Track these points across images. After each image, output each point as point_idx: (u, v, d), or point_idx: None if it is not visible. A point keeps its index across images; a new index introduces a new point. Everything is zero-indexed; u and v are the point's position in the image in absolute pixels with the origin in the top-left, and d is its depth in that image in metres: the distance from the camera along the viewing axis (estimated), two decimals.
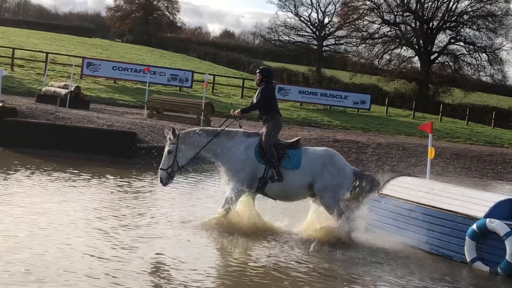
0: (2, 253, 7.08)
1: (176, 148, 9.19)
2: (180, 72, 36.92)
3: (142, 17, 75.37)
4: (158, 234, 8.70)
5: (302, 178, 9.24)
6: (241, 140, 9.34)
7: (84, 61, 34.23)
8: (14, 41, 43.86)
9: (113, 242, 8.09)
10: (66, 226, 8.61)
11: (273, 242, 8.85)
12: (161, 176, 9.21)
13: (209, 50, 62.51)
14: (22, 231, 8.07)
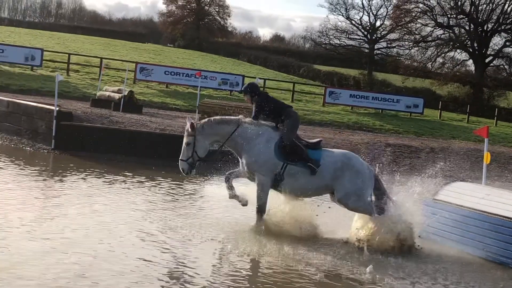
0: (57, 254, 7.21)
1: (194, 140, 9.19)
2: (230, 77, 37.11)
3: (194, 22, 76.10)
4: (208, 237, 8.70)
5: (319, 179, 9.14)
6: (264, 132, 9.25)
7: (137, 66, 34.77)
8: (69, 46, 44.85)
9: (162, 245, 8.14)
10: (117, 227, 8.72)
11: (326, 248, 8.72)
12: (183, 167, 9.22)
13: (259, 54, 62.64)
14: (75, 232, 8.22)
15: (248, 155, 9.17)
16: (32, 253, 7.18)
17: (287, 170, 9.12)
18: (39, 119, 16.16)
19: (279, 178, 9.13)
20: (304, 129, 26.57)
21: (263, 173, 9.12)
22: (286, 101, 36.61)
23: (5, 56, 32.65)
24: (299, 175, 9.12)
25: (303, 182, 9.13)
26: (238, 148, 9.33)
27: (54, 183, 11.80)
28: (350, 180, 9.11)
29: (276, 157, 9.11)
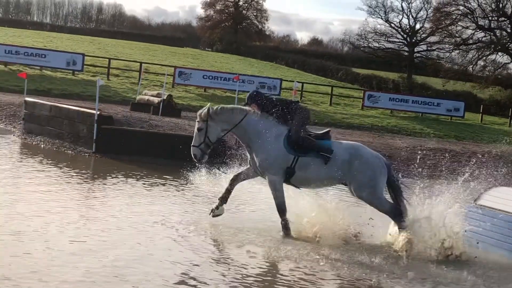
0: (96, 255, 7.28)
1: (206, 125, 9.18)
2: (268, 80, 37.15)
3: (232, 26, 76.44)
4: (245, 241, 8.67)
5: (328, 171, 9.03)
6: (272, 125, 9.19)
7: (176, 70, 35.07)
8: (109, 51, 45.45)
9: (199, 249, 8.15)
10: (156, 230, 8.76)
11: (361, 254, 8.60)
12: (195, 153, 9.18)
13: (297, 57, 62.50)
14: (114, 233, 8.29)
15: (258, 153, 9.12)
16: (72, 254, 7.25)
17: (298, 163, 9.06)
18: (81, 123, 16.39)
19: (290, 172, 9.08)
20: (343, 132, 26.40)
21: (274, 172, 9.07)
22: (324, 105, 36.59)
23: (48, 61, 33.27)
24: (310, 167, 9.04)
25: (313, 173, 9.06)
26: (246, 139, 9.28)
27: (94, 186, 11.94)
28: (360, 171, 9.01)
29: (287, 151, 9.05)
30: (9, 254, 7.01)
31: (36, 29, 64.43)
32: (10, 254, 7.01)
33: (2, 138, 16.93)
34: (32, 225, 8.29)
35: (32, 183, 11.36)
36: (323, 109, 35.53)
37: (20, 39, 44.73)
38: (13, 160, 14.11)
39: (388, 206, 9.15)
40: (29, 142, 16.70)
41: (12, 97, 23.64)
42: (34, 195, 10.21)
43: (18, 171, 12.72)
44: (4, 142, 16.40)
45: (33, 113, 17.88)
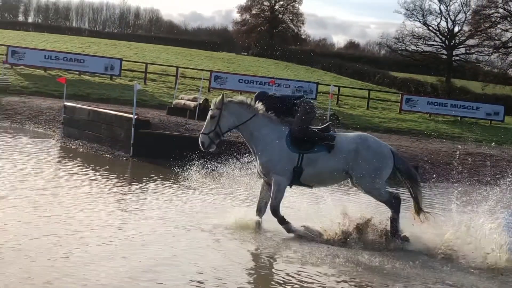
0: (132, 256, 7.28)
1: (220, 114, 9.12)
2: (304, 84, 37.01)
3: (267, 30, 76.54)
4: (281, 246, 8.59)
5: (335, 162, 8.94)
6: (275, 128, 9.15)
7: (212, 75, 35.18)
8: (147, 56, 45.85)
9: (233, 253, 8.10)
10: (192, 234, 8.74)
11: (407, 261, 8.45)
12: (203, 140, 9.14)
13: (333, 61, 62.25)
14: (150, 236, 8.30)
15: (261, 155, 9.10)
16: (109, 257, 7.26)
17: (304, 160, 8.99)
18: (118, 127, 16.51)
19: (298, 171, 9.00)
20: (380, 137, 25.98)
21: (279, 172, 8.99)
22: (361, 109, 36.30)
23: (86, 66, 33.69)
24: (317, 161, 8.97)
25: (322, 167, 8.97)
26: (249, 140, 9.25)
27: (132, 189, 11.98)
28: (366, 160, 8.92)
29: (291, 150, 8.99)
30: (48, 257, 7.05)
31: (75, 35, 65.41)
32: (49, 257, 7.05)
33: (42, 142, 17.16)
34: (70, 228, 8.34)
35: (71, 186, 11.47)
36: (360, 113, 35.24)
37: (59, 45, 45.45)
38: (52, 164, 14.28)
39: (387, 196, 9.05)
40: (68, 146, 16.89)
41: (51, 102, 23.97)
42: (73, 198, 10.31)
43: (57, 174, 12.86)
44: (44, 146, 16.62)
45: (72, 118, 18.09)
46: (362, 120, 32.62)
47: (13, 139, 17.04)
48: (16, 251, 7.10)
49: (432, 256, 8.64)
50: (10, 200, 9.57)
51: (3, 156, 14.06)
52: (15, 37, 48.43)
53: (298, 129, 9.09)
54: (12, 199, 9.71)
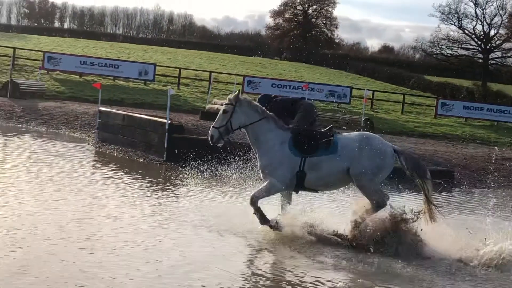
0: (164, 258, 7.28)
1: (233, 110, 9.10)
2: (338, 88, 36.83)
3: (301, 34, 76.42)
4: (316, 253, 8.49)
5: (340, 163, 8.84)
6: (280, 134, 9.09)
7: (245, 79, 35.22)
8: (180, 61, 46.16)
9: (271, 258, 8.02)
10: (227, 239, 8.70)
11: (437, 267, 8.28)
12: (212, 133, 9.13)
13: (367, 65, 61.85)
14: (182, 240, 8.28)
15: (263, 159, 9.07)
16: (145, 262, 7.26)
17: (306, 164, 8.91)
18: (152, 132, 16.59)
19: (300, 175, 8.93)
20: (415, 141, 25.84)
21: (277, 177, 8.93)
22: (396, 113, 35.96)
23: (120, 72, 34.05)
24: (320, 165, 8.88)
25: (324, 170, 8.87)
26: (254, 142, 9.23)
27: (166, 193, 12.01)
28: (368, 158, 8.82)
29: (293, 153, 8.93)
30: (81, 260, 7.07)
31: (109, 40, 66.21)
32: (82, 260, 7.07)
33: (77, 147, 17.34)
34: (104, 232, 8.37)
35: (105, 190, 11.54)
36: (395, 117, 34.92)
37: (94, 50, 46.04)
38: (88, 168, 14.42)
39: (377, 197, 8.88)
40: (103, 151, 17.03)
41: (86, 107, 24.26)
42: (107, 202, 10.36)
43: (92, 178, 12.97)
44: (79, 150, 16.78)
45: (106, 122, 18.25)
46: (396, 124, 32.31)
47: (49, 144, 17.25)
48: (51, 255, 7.14)
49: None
50: (46, 204, 9.65)
51: (39, 160, 14.23)
52: (51, 43, 49.24)
53: (297, 128, 9.10)
54: (48, 202, 9.80)
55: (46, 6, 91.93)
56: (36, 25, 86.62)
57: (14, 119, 21.06)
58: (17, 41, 46.83)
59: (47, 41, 51.70)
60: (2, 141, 17.61)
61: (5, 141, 17.55)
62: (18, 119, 21.11)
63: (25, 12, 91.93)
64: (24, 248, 7.26)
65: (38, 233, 7.92)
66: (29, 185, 11.15)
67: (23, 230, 7.98)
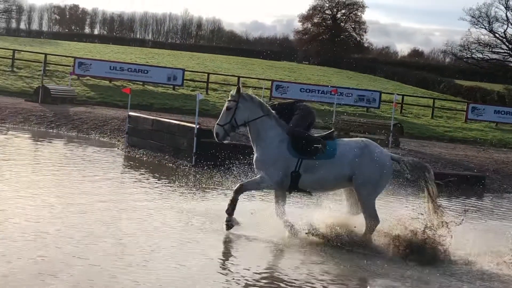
0: (190, 262, 7.28)
1: (236, 106, 9.13)
2: (367, 93, 36.61)
3: (329, 39, 76.18)
4: (361, 266, 8.42)
5: (339, 168, 8.82)
6: (279, 132, 9.11)
7: (273, 84, 35.22)
8: (208, 66, 46.34)
9: (298, 262, 7.99)
10: (254, 244, 8.68)
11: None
12: (217, 131, 9.18)
13: (397, 69, 61.42)
14: (209, 244, 8.29)
15: (260, 154, 9.10)
16: (168, 261, 7.28)
17: (303, 165, 8.89)
18: (181, 137, 16.66)
19: (295, 176, 8.91)
20: (445, 146, 25.56)
21: (269, 173, 8.95)
22: (426, 118, 35.62)
23: (150, 77, 34.32)
24: (317, 168, 8.84)
25: (322, 173, 8.83)
26: (255, 138, 9.25)
27: (195, 198, 12.03)
28: (369, 167, 8.79)
29: (290, 154, 8.93)
30: (110, 264, 7.10)
31: (139, 46, 66.81)
32: (111, 265, 7.10)
33: (107, 151, 17.48)
34: (133, 236, 8.41)
35: (134, 193, 11.62)
36: (425, 122, 34.59)
37: (124, 56, 46.48)
38: (117, 172, 14.52)
39: (372, 212, 8.82)
40: (132, 155, 17.14)
41: (116, 112, 24.47)
42: (136, 206, 10.41)
43: (122, 182, 13.07)
44: (109, 155, 16.92)
45: (136, 127, 18.37)
46: (426, 129, 32.01)
47: (80, 148, 17.43)
48: (81, 260, 7.18)
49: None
50: (75, 207, 9.74)
51: (70, 164, 14.38)
52: (82, 49, 49.85)
53: (293, 129, 9.07)
54: (78, 205, 9.89)
55: (77, 13, 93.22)
56: (67, 31, 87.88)
57: (45, 124, 21.32)
58: (48, 47, 47.54)
59: (78, 47, 52.35)
60: (34, 145, 17.84)
61: (36, 145, 17.78)
62: (49, 124, 21.37)
63: (56, 18, 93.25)
64: (53, 251, 7.32)
65: (68, 237, 7.99)
66: (59, 188, 11.28)
67: (53, 233, 8.05)
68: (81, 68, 33.50)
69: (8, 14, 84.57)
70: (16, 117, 21.82)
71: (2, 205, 9.36)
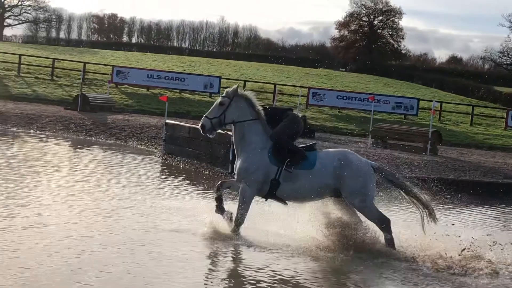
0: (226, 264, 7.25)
1: (229, 103, 9.09)
2: (405, 100, 36.26)
3: (366, 46, 75.81)
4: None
5: (318, 179, 8.74)
6: (263, 139, 9.05)
7: (310, 91, 35.12)
8: (244, 74, 46.47)
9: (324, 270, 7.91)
10: (288, 250, 8.61)
11: None
12: (204, 123, 9.20)
13: (435, 76, 60.68)
14: (244, 248, 8.26)
15: (242, 161, 9.02)
16: (207, 267, 7.27)
17: (282, 174, 8.83)
18: (218, 144, 16.69)
19: (275, 183, 8.86)
20: (485, 154, 25.12)
21: (249, 183, 8.90)
22: (465, 125, 35.11)
23: (186, 85, 34.59)
24: (297, 177, 8.79)
25: (301, 183, 8.77)
26: (238, 141, 9.20)
27: (230, 206, 12.00)
28: (351, 178, 8.71)
29: (271, 162, 8.87)
30: (147, 272, 7.11)
31: (176, 54, 67.35)
32: (148, 271, 7.11)
33: (145, 159, 17.63)
34: (171, 242, 8.42)
35: (172, 199, 11.67)
36: (464, 129, 34.09)
37: (161, 64, 46.92)
38: (154, 179, 14.61)
39: (376, 215, 8.74)
40: (169, 162, 17.24)
41: (153, 120, 24.69)
42: (172, 212, 10.41)
43: (159, 188, 13.15)
44: (147, 162, 17.07)
45: (173, 135, 18.49)
46: (465, 136, 31.55)
47: (118, 156, 17.61)
48: (115, 267, 7.22)
49: None
50: (113, 212, 9.82)
51: (108, 171, 14.53)
52: (120, 57, 50.50)
53: (275, 136, 9.02)
54: (115, 210, 9.97)
55: (115, 22, 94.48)
56: (105, 40, 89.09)
57: (84, 132, 21.62)
58: (87, 55, 48.26)
59: (116, 56, 53.04)
60: (73, 153, 18.10)
61: (75, 153, 18.04)
62: (87, 132, 21.66)
63: (95, 27, 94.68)
64: (90, 256, 7.37)
65: (105, 242, 8.03)
66: (97, 194, 11.40)
67: (91, 238, 8.13)
68: (119, 76, 33.93)
69: (48, 23, 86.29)
70: (56, 125, 22.18)
71: (41, 209, 9.53)
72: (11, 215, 8.95)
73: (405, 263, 8.12)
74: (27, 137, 19.91)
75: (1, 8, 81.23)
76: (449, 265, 8.08)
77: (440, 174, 17.09)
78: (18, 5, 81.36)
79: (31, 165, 14.44)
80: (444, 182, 11.86)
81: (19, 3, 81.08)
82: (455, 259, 8.22)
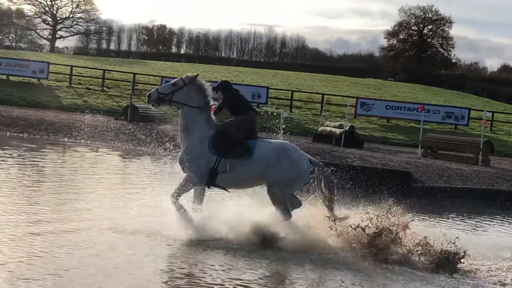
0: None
1: (182, 86, 9.29)
2: (455, 110, 35.67)
3: (415, 55, 74.94)
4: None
5: (253, 169, 9.01)
6: (204, 130, 9.27)
7: (358, 101, 34.85)
8: (292, 84, 46.43)
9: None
10: (327, 258, 8.52)
11: None
12: (152, 94, 9.36)
13: (486, 85, 59.61)
14: (285, 256, 8.20)
15: (184, 151, 9.28)
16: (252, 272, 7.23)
17: (220, 164, 9.04)
18: None
19: (213, 172, 9.07)
20: None
21: (193, 171, 9.10)
22: None
23: None
24: (233, 167, 9.02)
25: (237, 172, 9.03)
26: (183, 127, 9.43)
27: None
28: (283, 169, 8.94)
29: (210, 151, 9.09)
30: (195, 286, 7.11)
31: (224, 64, 67.85)
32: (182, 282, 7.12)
33: None
34: (211, 253, 8.42)
35: (219, 208, 11.65)
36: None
37: (209, 74, 47.27)
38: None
39: (283, 207, 9.05)
40: None
41: None
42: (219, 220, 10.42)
43: (208, 196, 13.13)
44: None
45: None
46: None
47: (167, 165, 17.64)
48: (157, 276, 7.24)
49: None
50: (158, 219, 9.85)
51: (157, 180, 14.63)
52: (168, 68, 51.17)
53: (225, 127, 9.23)
54: (160, 219, 10.01)
55: (164, 33, 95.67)
56: (154, 51, 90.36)
57: (133, 142, 21.90)
58: (136, 66, 49.05)
59: (165, 66, 53.72)
60: (122, 162, 18.34)
61: (125, 162, 18.27)
62: (137, 142, 21.93)
63: (144, 38, 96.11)
64: (138, 267, 7.43)
65: (151, 249, 8.09)
66: (144, 200, 11.45)
67: (137, 244, 8.19)
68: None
69: (98, 35, 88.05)
70: (106, 135, 22.52)
71: (91, 214, 9.81)
72: (59, 219, 9.18)
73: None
74: (78, 146, 20.28)
75: (54, 20, 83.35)
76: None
77: (492, 185, 16.70)
78: (70, 18, 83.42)
79: (81, 174, 14.69)
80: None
81: (71, 16, 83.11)
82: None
